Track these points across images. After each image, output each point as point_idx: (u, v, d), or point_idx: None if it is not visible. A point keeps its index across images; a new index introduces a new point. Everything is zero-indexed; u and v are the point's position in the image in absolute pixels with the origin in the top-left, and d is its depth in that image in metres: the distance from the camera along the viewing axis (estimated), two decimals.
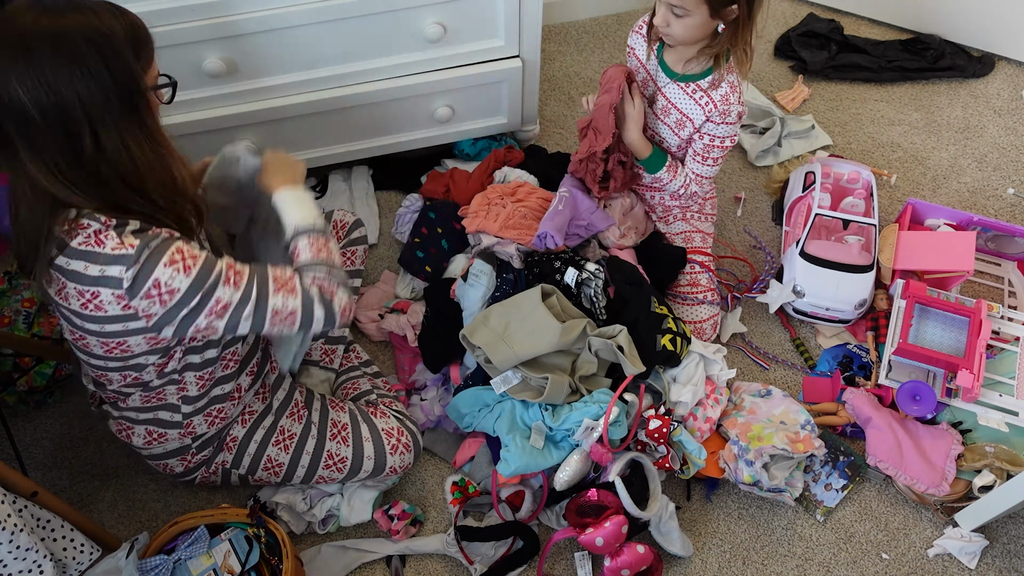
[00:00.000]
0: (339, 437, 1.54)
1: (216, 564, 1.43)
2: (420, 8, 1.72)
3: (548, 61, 2.46)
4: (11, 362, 1.71)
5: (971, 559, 1.60)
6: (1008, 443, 1.64)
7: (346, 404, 1.61)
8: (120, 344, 1.23)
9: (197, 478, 1.52)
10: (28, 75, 1.05)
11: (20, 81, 1.05)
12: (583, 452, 1.56)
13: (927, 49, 2.45)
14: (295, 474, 1.53)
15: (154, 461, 1.48)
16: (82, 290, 1.16)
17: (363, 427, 1.56)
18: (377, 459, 1.55)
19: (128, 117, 1.14)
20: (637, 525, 1.55)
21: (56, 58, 1.06)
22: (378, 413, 1.60)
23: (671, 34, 1.59)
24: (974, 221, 1.93)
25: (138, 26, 1.16)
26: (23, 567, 1.26)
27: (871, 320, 1.86)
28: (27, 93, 1.05)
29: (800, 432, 1.63)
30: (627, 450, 1.61)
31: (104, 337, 1.22)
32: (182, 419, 1.40)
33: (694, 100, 1.69)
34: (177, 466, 1.48)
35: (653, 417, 1.61)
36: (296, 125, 1.88)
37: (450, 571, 1.60)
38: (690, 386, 1.67)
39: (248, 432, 1.49)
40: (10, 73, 1.05)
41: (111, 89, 1.10)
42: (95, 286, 1.15)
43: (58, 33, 1.06)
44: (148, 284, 1.15)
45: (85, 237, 1.14)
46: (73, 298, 1.17)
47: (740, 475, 1.60)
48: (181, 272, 1.17)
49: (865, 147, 2.29)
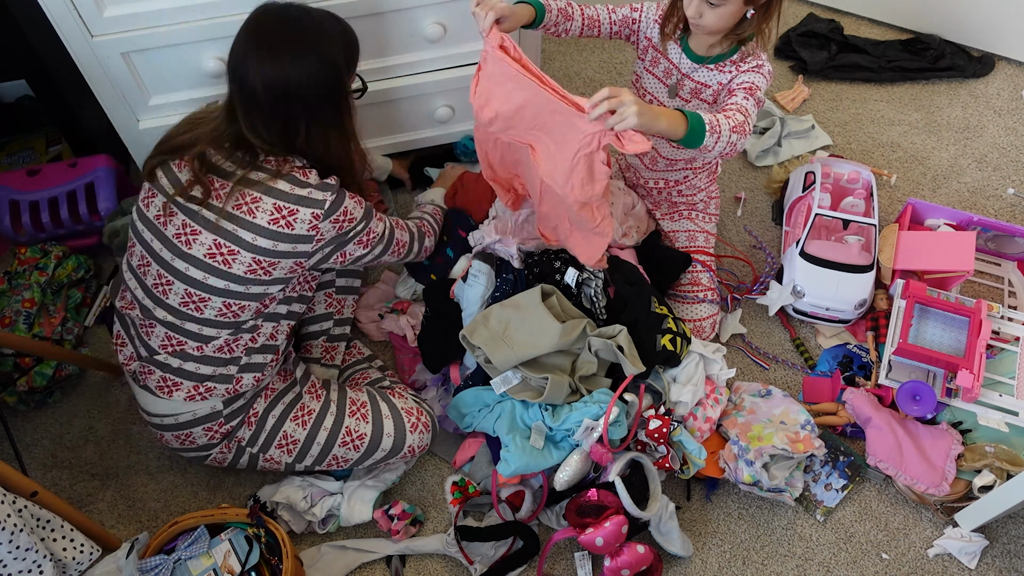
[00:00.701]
0: (358, 414, 1.56)
1: (216, 564, 1.43)
2: (420, 8, 1.72)
3: (548, 61, 2.46)
4: (11, 362, 1.72)
5: (971, 559, 1.60)
6: (1008, 443, 1.64)
7: (363, 386, 1.64)
8: (271, 264, 1.37)
9: (212, 454, 1.52)
10: (269, 68, 1.28)
11: (261, 71, 1.28)
12: (583, 452, 1.56)
13: (927, 49, 2.45)
14: (309, 452, 1.53)
15: (177, 431, 1.48)
16: (280, 205, 1.34)
17: (382, 405, 1.58)
18: (397, 436, 1.56)
19: (334, 116, 1.39)
20: (637, 525, 1.55)
21: (294, 60, 1.30)
22: (395, 394, 1.62)
23: (704, 24, 1.55)
24: (974, 221, 1.93)
25: (351, 38, 1.40)
26: (23, 567, 1.26)
27: (871, 320, 1.86)
28: (262, 81, 1.29)
29: (800, 432, 1.63)
30: (627, 450, 1.61)
31: (265, 255, 1.36)
32: (237, 371, 1.46)
33: (728, 74, 1.66)
34: (201, 437, 1.49)
35: (653, 417, 1.61)
36: None
37: (450, 571, 1.60)
38: (690, 386, 1.67)
39: (269, 406, 1.51)
40: (255, 62, 1.28)
41: (327, 93, 1.35)
42: (296, 204, 1.34)
43: (297, 38, 1.31)
44: (339, 210, 1.38)
45: (291, 168, 1.36)
46: (264, 212, 1.33)
47: (740, 475, 1.60)
48: (359, 206, 1.43)
49: (865, 147, 2.29)
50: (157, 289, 1.41)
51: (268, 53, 1.29)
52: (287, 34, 1.31)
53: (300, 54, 1.30)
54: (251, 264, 1.36)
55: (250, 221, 1.34)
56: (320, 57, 1.32)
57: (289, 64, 1.29)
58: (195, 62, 1.68)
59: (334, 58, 1.34)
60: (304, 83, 1.31)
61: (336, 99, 1.38)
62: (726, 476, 1.63)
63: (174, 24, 1.60)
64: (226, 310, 1.40)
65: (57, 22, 1.54)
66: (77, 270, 1.90)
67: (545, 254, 1.74)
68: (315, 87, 1.32)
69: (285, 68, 1.29)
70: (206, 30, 1.62)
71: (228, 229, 1.34)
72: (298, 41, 1.31)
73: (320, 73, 1.32)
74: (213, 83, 1.73)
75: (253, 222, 1.34)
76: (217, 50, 1.67)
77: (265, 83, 1.29)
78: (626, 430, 1.59)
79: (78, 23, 1.54)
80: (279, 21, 1.32)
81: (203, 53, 1.67)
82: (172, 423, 1.48)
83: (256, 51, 1.29)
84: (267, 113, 1.32)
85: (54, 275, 1.86)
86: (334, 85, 1.36)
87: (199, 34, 1.63)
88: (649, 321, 1.66)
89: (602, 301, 1.68)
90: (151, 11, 1.57)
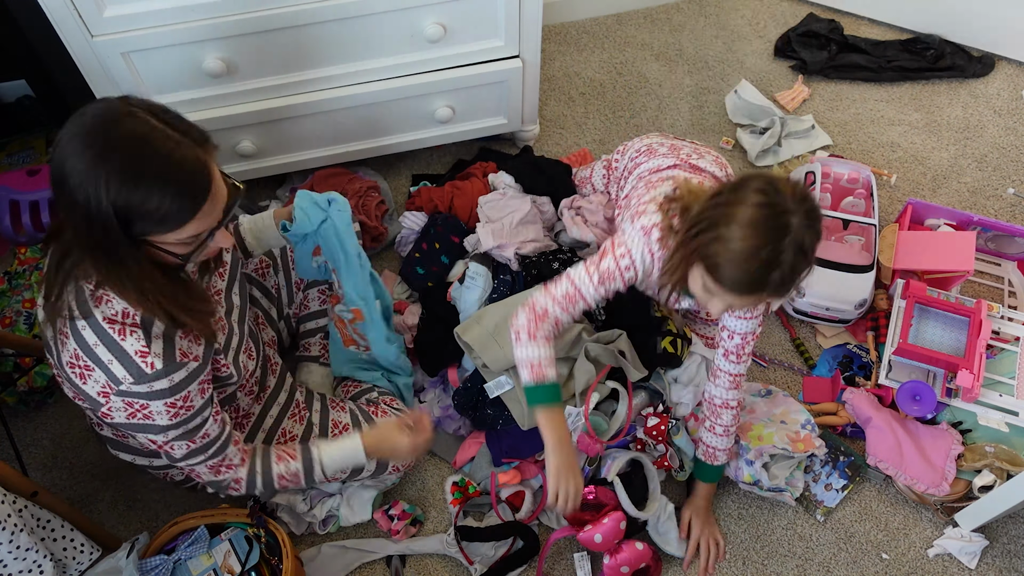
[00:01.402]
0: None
1: (216, 564, 1.43)
2: (420, 8, 1.72)
3: (548, 61, 2.46)
4: (12, 362, 1.72)
5: (971, 559, 1.60)
6: (1008, 443, 1.64)
7: (346, 404, 1.61)
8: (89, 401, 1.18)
9: (199, 484, 1.51)
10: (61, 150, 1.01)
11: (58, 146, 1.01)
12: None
13: (927, 49, 2.45)
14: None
15: (155, 471, 1.48)
16: (79, 354, 1.12)
17: (365, 427, 1.56)
18: (380, 459, 1.55)
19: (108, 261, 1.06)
20: (636, 525, 1.55)
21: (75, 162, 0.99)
22: (379, 412, 1.60)
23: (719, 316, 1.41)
24: (974, 221, 1.93)
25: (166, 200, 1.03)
26: (23, 567, 1.26)
27: (871, 320, 1.86)
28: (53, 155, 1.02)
29: (800, 432, 1.63)
30: (627, 449, 1.61)
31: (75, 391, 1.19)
32: (182, 465, 1.32)
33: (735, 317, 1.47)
34: (178, 475, 1.49)
35: (652, 415, 1.61)
36: (296, 125, 1.88)
37: (450, 571, 1.60)
38: (691, 387, 1.67)
39: (247, 437, 1.49)
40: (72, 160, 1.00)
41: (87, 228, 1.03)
42: (95, 364, 1.12)
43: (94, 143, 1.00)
44: (140, 401, 1.14)
45: (105, 313, 1.11)
46: (67, 351, 1.13)
47: (740, 474, 1.60)
48: (166, 416, 1.16)
49: (865, 147, 2.29)
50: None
51: (70, 133, 1.01)
52: (95, 133, 1.00)
53: (83, 163, 0.99)
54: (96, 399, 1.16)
55: (60, 352, 1.15)
56: (94, 181, 0.99)
57: (69, 161, 0.99)
58: (195, 62, 1.68)
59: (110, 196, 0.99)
60: (74, 200, 1.01)
61: (107, 244, 1.04)
62: (727, 475, 1.63)
63: (174, 24, 1.60)
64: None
65: (57, 22, 1.54)
66: None
67: (543, 256, 1.74)
68: (81, 213, 1.01)
69: (67, 162, 1.00)
70: (206, 30, 1.62)
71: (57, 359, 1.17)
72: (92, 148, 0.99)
73: (85, 198, 1.00)
74: (213, 83, 1.73)
75: (60, 355, 1.15)
76: (217, 50, 1.67)
77: (52, 159, 1.02)
78: (609, 425, 1.58)
79: (78, 23, 1.54)
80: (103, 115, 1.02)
81: (203, 53, 1.67)
82: (146, 465, 1.45)
83: (71, 122, 1.02)
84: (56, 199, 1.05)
85: None
86: (101, 227, 1.02)
87: (199, 34, 1.62)
88: (650, 324, 1.66)
89: (601, 303, 1.68)
90: (151, 11, 1.57)
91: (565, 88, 2.41)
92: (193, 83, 1.72)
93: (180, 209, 1.04)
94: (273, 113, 1.82)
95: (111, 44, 1.59)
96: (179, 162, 1.03)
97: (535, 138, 2.24)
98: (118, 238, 1.03)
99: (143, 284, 1.09)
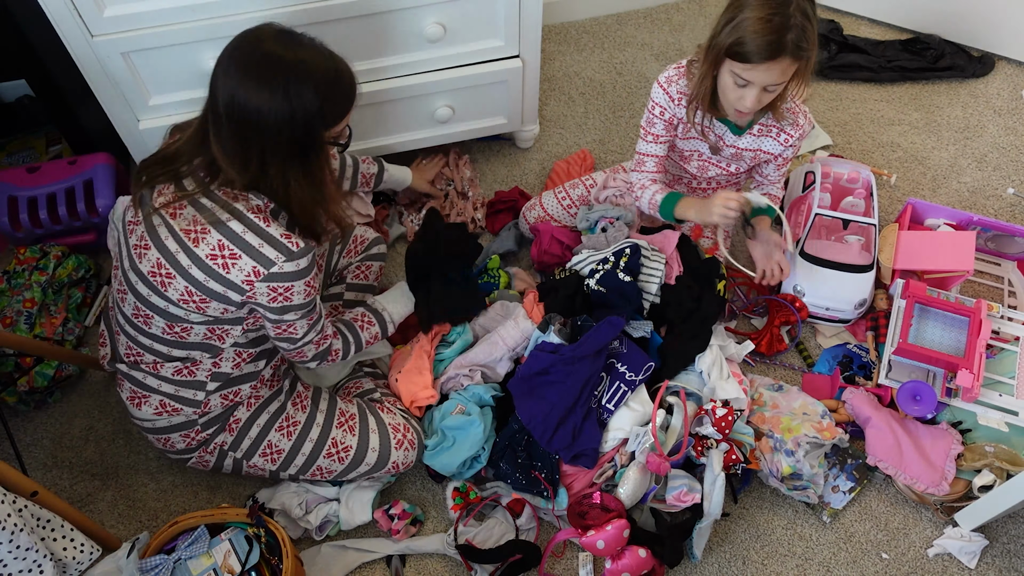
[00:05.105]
0: (346, 426, 1.55)
1: (216, 564, 1.43)
2: (420, 8, 1.72)
3: (548, 61, 2.46)
4: (12, 362, 1.72)
5: (971, 559, 1.60)
6: (1008, 443, 1.64)
7: (353, 398, 1.63)
8: (202, 300, 1.29)
9: (193, 459, 1.52)
10: (234, 86, 1.20)
11: (226, 86, 1.21)
12: (640, 465, 1.55)
13: (927, 49, 2.45)
14: (293, 462, 1.53)
15: (156, 435, 1.48)
16: (224, 243, 1.26)
17: (370, 419, 1.58)
18: (381, 452, 1.55)
19: (296, 161, 1.27)
20: (638, 531, 1.55)
21: (259, 88, 1.19)
22: (384, 409, 1.62)
23: (755, 108, 1.55)
24: (974, 221, 1.93)
25: (340, 88, 1.28)
26: (23, 567, 1.26)
27: (871, 320, 1.86)
28: (224, 98, 1.21)
29: (823, 421, 1.64)
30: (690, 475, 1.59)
31: (197, 288, 1.28)
32: (204, 396, 1.43)
33: (770, 137, 1.72)
34: (179, 442, 1.48)
35: (718, 407, 1.60)
36: None
37: (450, 571, 1.60)
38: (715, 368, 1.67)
39: (252, 415, 1.50)
40: (224, 75, 1.21)
41: (289, 134, 1.23)
42: (242, 250, 1.26)
43: (272, 67, 1.20)
44: (284, 284, 1.29)
45: (248, 206, 1.28)
46: (207, 245, 1.26)
47: (779, 467, 1.59)
48: (303, 295, 1.33)
49: (865, 147, 2.29)
50: (119, 295, 1.40)
51: (238, 71, 1.21)
52: (263, 60, 1.21)
53: (267, 85, 1.20)
54: (183, 293, 1.29)
55: (192, 249, 1.27)
56: (287, 95, 1.21)
57: (254, 90, 1.20)
58: (195, 62, 1.68)
59: (305, 103, 1.22)
60: (264, 115, 1.21)
61: (301, 144, 1.26)
62: (761, 469, 1.63)
63: (174, 24, 1.60)
64: (169, 330, 1.36)
65: (57, 22, 1.54)
66: (77, 270, 1.90)
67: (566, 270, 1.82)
68: (275, 123, 1.22)
69: (249, 93, 1.20)
70: (206, 30, 1.62)
71: (171, 250, 1.28)
72: (271, 71, 1.20)
73: (283, 111, 1.21)
74: None
75: (194, 251, 1.27)
76: (217, 50, 1.65)
77: (226, 100, 1.21)
78: (666, 438, 1.58)
79: (78, 23, 1.54)
80: (264, 44, 1.22)
81: (203, 53, 1.66)
82: (150, 427, 1.48)
83: (229, 64, 1.22)
84: (226, 132, 1.24)
85: (55, 275, 1.86)
86: (299, 129, 1.24)
87: (199, 34, 1.63)
88: (708, 269, 1.79)
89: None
90: (151, 11, 1.57)
91: (565, 88, 2.41)
92: (193, 83, 1.71)
93: (348, 99, 1.31)
94: None
95: (111, 44, 1.59)
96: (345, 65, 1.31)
97: (535, 138, 2.24)
98: (316, 134, 1.26)
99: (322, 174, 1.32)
